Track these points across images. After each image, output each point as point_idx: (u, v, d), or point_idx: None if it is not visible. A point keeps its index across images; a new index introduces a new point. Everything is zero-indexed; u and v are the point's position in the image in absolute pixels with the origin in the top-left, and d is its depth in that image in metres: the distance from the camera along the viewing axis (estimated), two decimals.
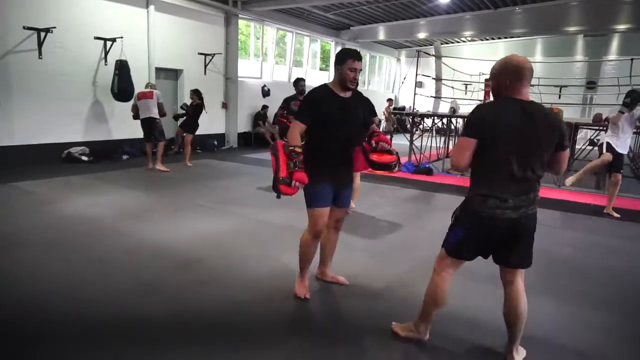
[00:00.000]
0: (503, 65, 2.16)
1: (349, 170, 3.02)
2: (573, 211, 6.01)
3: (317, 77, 15.58)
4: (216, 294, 3.12)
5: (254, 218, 5.05)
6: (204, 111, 8.67)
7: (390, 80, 20.57)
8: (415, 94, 9.61)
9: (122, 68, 8.36)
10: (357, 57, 2.78)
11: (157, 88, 8.06)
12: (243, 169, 8.59)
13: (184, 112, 8.61)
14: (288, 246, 3.98)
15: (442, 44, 16.79)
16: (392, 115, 14.24)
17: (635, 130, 6.57)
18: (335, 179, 2.89)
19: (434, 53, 14.21)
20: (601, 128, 7.76)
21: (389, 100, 17.25)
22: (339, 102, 2.81)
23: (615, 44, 15.89)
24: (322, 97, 2.81)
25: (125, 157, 8.84)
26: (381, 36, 15.09)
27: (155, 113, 7.61)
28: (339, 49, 15.70)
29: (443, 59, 13.71)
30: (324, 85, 2.90)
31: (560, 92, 13.58)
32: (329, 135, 2.83)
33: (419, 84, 11.75)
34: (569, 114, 10.82)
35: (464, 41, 18.07)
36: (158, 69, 9.68)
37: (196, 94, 8.51)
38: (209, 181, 7.20)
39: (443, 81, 12.26)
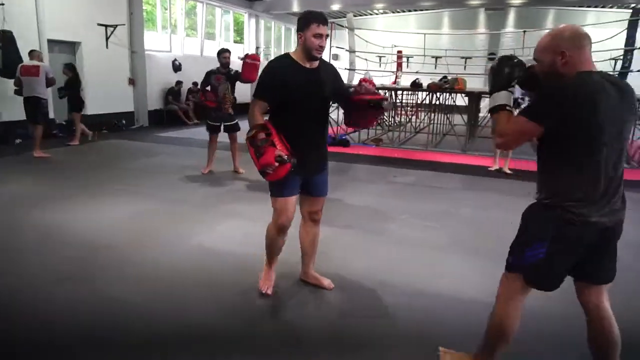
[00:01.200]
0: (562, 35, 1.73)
1: (321, 153, 2.65)
2: (474, 174, 6.50)
3: (231, 49, 15.03)
4: (131, 278, 2.96)
5: (171, 198, 4.83)
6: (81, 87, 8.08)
7: None
8: None
9: (5, 40, 7.42)
10: (323, 20, 2.40)
11: (45, 60, 7.25)
12: (157, 148, 8.14)
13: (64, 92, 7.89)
14: (206, 228, 3.86)
15: (355, 16, 16.95)
16: None
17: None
18: (304, 164, 2.47)
19: (347, 25, 14.30)
20: None
21: None
22: (305, 74, 2.43)
23: (512, 17, 17.10)
24: (286, 69, 2.42)
25: (18, 141, 7.97)
26: (295, 7, 14.86)
27: (41, 92, 6.74)
28: (252, 21, 15.50)
29: (356, 31, 13.85)
30: (286, 56, 2.51)
31: (465, 63, 14.42)
32: (295, 114, 2.46)
33: (334, 57, 11.78)
34: (474, 84, 11.51)
35: (376, 13, 18.40)
36: (51, 42, 8.73)
37: (69, 68, 7.88)
38: (122, 163, 6.74)
39: (357, 53, 12.41)
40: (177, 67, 11.81)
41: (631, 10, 12.60)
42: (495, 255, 3.51)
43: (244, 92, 8.03)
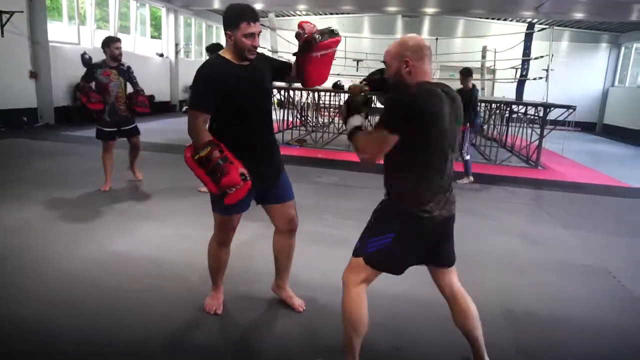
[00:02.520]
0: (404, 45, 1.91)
1: (276, 156, 2.43)
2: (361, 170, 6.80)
3: (148, 45, 14.34)
4: (33, 291, 2.71)
5: (85, 202, 4.50)
6: None
7: None
8: None
9: None
10: (253, 16, 2.16)
11: None
12: (65, 148, 7.52)
13: None
14: (123, 233, 3.65)
15: (277, 16, 16.93)
16: None
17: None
18: (261, 172, 2.27)
19: (269, 25, 14.24)
20: None
21: None
22: (241, 74, 2.21)
23: (427, 25, 18.10)
24: (221, 71, 2.19)
25: None
26: (216, 4, 14.50)
27: None
28: (171, 16, 14.89)
29: (279, 32, 13.84)
30: (217, 57, 2.25)
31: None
32: (241, 118, 2.23)
33: None
34: None
35: (299, 14, 18.52)
36: None
37: None
38: (24, 164, 6.14)
39: (280, 54, 12.40)
40: (86, 61, 10.94)
41: (527, 24, 13.88)
42: None
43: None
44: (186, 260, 3.22)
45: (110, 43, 4.74)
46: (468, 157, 6.38)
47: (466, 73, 6.31)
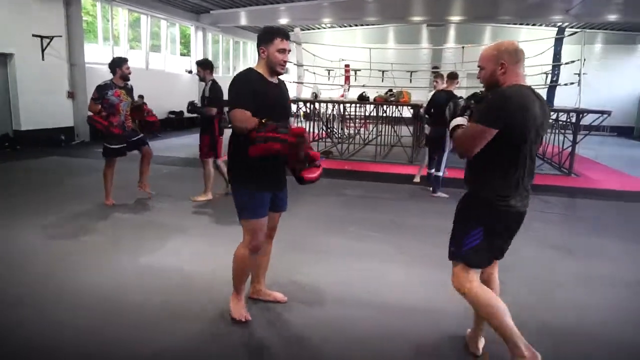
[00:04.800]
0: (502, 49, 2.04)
1: (284, 169, 2.59)
2: (420, 184, 6.72)
3: (178, 62, 14.77)
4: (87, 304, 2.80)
5: (115, 215, 4.64)
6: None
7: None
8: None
9: None
10: (286, 35, 2.41)
11: None
12: (99, 164, 7.79)
13: None
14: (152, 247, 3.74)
15: (302, 30, 17.15)
16: None
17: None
18: (274, 181, 2.50)
19: (294, 39, 14.45)
20: None
21: None
22: (272, 88, 2.44)
23: (452, 33, 17.95)
24: (256, 82, 2.39)
25: None
26: (243, 21, 14.85)
27: None
28: (200, 34, 15.33)
29: (304, 45, 14.02)
30: (251, 70, 2.46)
31: (411, 76, 14.93)
32: None
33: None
34: (419, 97, 11.93)
35: (324, 27, 18.72)
36: None
37: None
38: (61, 180, 6.40)
39: (305, 67, 12.54)
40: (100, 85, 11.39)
41: (557, 29, 13.56)
42: (434, 263, 3.66)
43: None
44: (217, 274, 3.27)
45: (122, 64, 4.86)
46: (440, 174, 6.03)
47: (451, 76, 6.22)
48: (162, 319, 2.67)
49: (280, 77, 2.54)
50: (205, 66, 5.23)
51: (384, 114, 10.25)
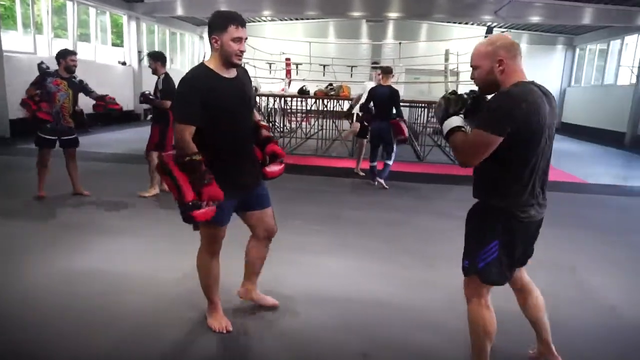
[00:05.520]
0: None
1: (255, 166, 2.45)
2: (360, 177, 6.85)
3: (109, 53, 14.00)
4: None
5: (44, 217, 4.32)
6: None
7: (194, 59, 19.83)
8: None
9: None
10: (241, 21, 2.15)
11: None
12: (21, 162, 7.22)
13: None
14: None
15: None
16: None
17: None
18: (240, 186, 2.31)
19: None
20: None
21: None
22: (226, 85, 2.20)
23: (391, 29, 18.39)
24: (207, 83, 2.15)
25: None
26: (179, 11, 14.31)
27: None
28: (133, 23, 14.61)
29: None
30: (201, 66, 2.22)
31: (351, 71, 15.12)
32: (223, 132, 2.22)
33: None
34: (359, 91, 12.11)
35: (264, 20, 18.50)
36: None
37: None
38: None
39: (245, 60, 12.32)
40: (43, 71, 10.60)
41: (486, 28, 14.31)
42: (376, 256, 3.74)
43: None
44: (163, 276, 3.14)
45: (66, 55, 4.75)
46: (390, 162, 6.21)
47: (386, 71, 6.27)
48: (101, 321, 2.52)
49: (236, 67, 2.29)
50: (156, 58, 5.10)
51: (325, 108, 10.31)
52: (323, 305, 2.76)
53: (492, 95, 1.86)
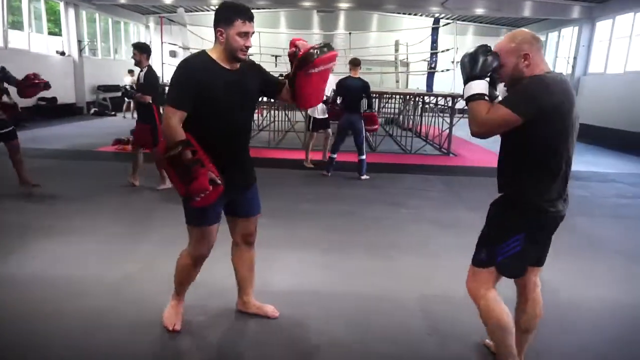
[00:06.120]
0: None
1: (247, 166, 2.34)
2: (313, 169, 6.86)
3: (46, 42, 13.17)
4: None
5: None
6: None
7: None
8: (163, 63, 9.14)
9: None
10: (249, 16, 2.06)
11: None
12: None
13: None
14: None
15: (189, 11, 16.34)
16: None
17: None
18: (230, 181, 2.15)
19: (178, 20, 13.71)
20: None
21: (130, 71, 15.41)
22: (226, 78, 2.10)
23: (342, 20, 18.44)
24: (204, 70, 2.06)
25: None
26: None
27: None
28: (71, 11, 13.80)
29: (192, 28, 13.37)
30: (202, 54, 2.14)
31: None
32: (217, 124, 2.12)
33: (173, 54, 11.20)
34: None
35: (212, 10, 18.01)
36: None
37: None
38: None
39: (192, 50, 11.98)
40: None
41: (433, 19, 14.65)
42: (328, 245, 3.76)
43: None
44: (109, 280, 3.00)
45: None
46: (364, 157, 6.27)
47: (355, 62, 6.24)
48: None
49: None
50: (142, 50, 4.96)
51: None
52: (276, 299, 2.73)
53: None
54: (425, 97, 10.43)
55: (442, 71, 9.78)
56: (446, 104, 9.73)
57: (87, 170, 6.38)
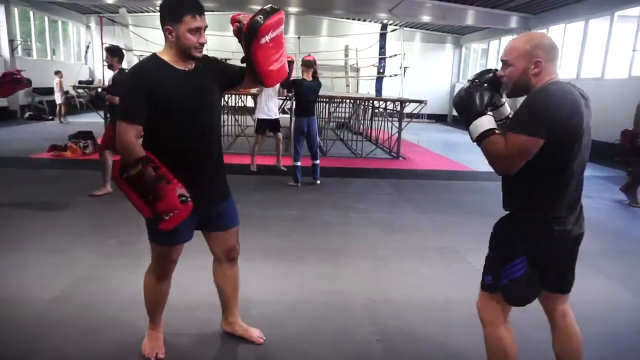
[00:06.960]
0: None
1: (220, 175, 2.12)
2: (264, 174, 6.76)
3: None
4: None
5: None
6: None
7: (81, 50, 18.16)
8: (104, 65, 8.69)
9: None
10: (199, 9, 1.85)
11: None
12: None
13: None
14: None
15: (131, 12, 15.76)
16: (77, 90, 12.55)
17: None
18: (201, 195, 1.94)
19: (120, 20, 13.18)
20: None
21: (58, 72, 13.75)
22: (183, 80, 1.89)
23: (292, 24, 18.41)
24: (157, 76, 1.86)
25: None
26: None
27: None
28: (1, 8, 12.83)
29: (136, 29, 12.91)
30: (152, 57, 1.93)
31: None
32: (178, 134, 1.91)
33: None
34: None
35: (157, 11, 17.47)
36: None
37: None
38: None
39: (137, 53, 11.55)
40: None
41: (381, 25, 14.97)
42: (277, 255, 3.69)
43: None
44: (39, 296, 2.77)
45: None
46: (318, 161, 6.26)
47: (307, 64, 6.05)
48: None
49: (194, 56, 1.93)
50: (114, 54, 5.07)
51: (226, 104, 10.01)
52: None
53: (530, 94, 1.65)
54: (375, 102, 10.59)
55: (390, 76, 9.97)
56: (395, 109, 9.92)
57: (23, 177, 5.98)
